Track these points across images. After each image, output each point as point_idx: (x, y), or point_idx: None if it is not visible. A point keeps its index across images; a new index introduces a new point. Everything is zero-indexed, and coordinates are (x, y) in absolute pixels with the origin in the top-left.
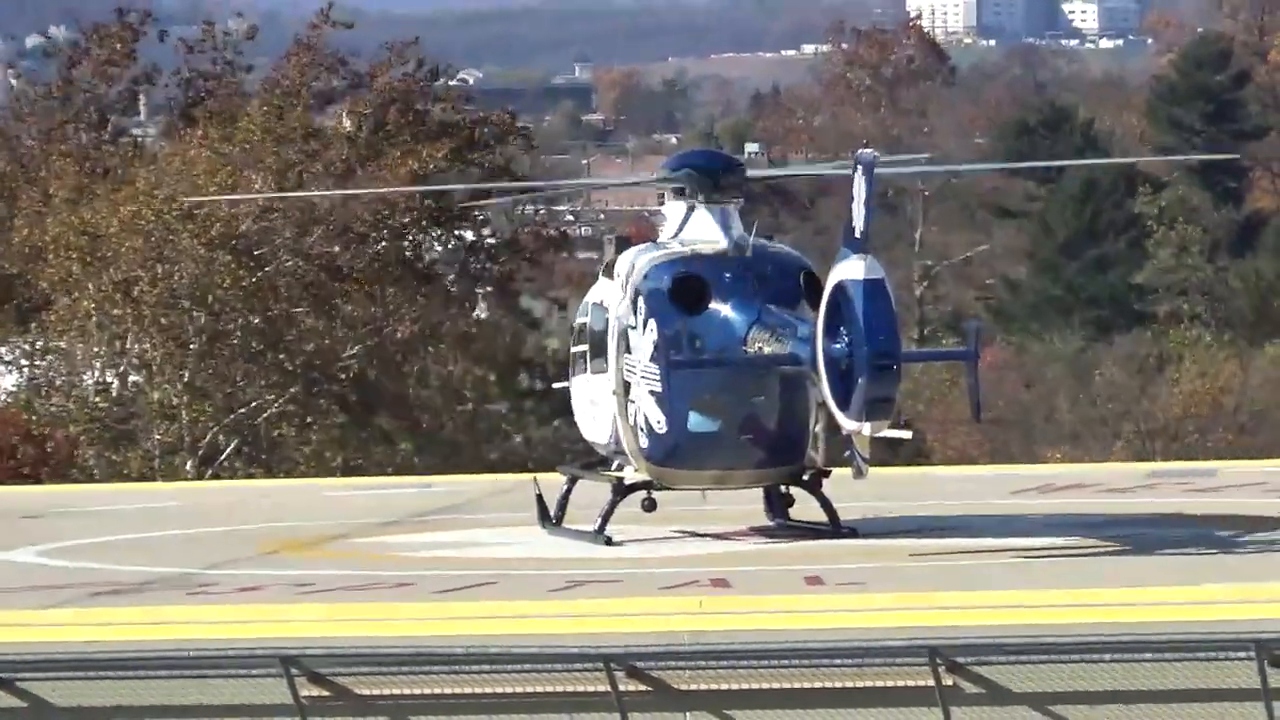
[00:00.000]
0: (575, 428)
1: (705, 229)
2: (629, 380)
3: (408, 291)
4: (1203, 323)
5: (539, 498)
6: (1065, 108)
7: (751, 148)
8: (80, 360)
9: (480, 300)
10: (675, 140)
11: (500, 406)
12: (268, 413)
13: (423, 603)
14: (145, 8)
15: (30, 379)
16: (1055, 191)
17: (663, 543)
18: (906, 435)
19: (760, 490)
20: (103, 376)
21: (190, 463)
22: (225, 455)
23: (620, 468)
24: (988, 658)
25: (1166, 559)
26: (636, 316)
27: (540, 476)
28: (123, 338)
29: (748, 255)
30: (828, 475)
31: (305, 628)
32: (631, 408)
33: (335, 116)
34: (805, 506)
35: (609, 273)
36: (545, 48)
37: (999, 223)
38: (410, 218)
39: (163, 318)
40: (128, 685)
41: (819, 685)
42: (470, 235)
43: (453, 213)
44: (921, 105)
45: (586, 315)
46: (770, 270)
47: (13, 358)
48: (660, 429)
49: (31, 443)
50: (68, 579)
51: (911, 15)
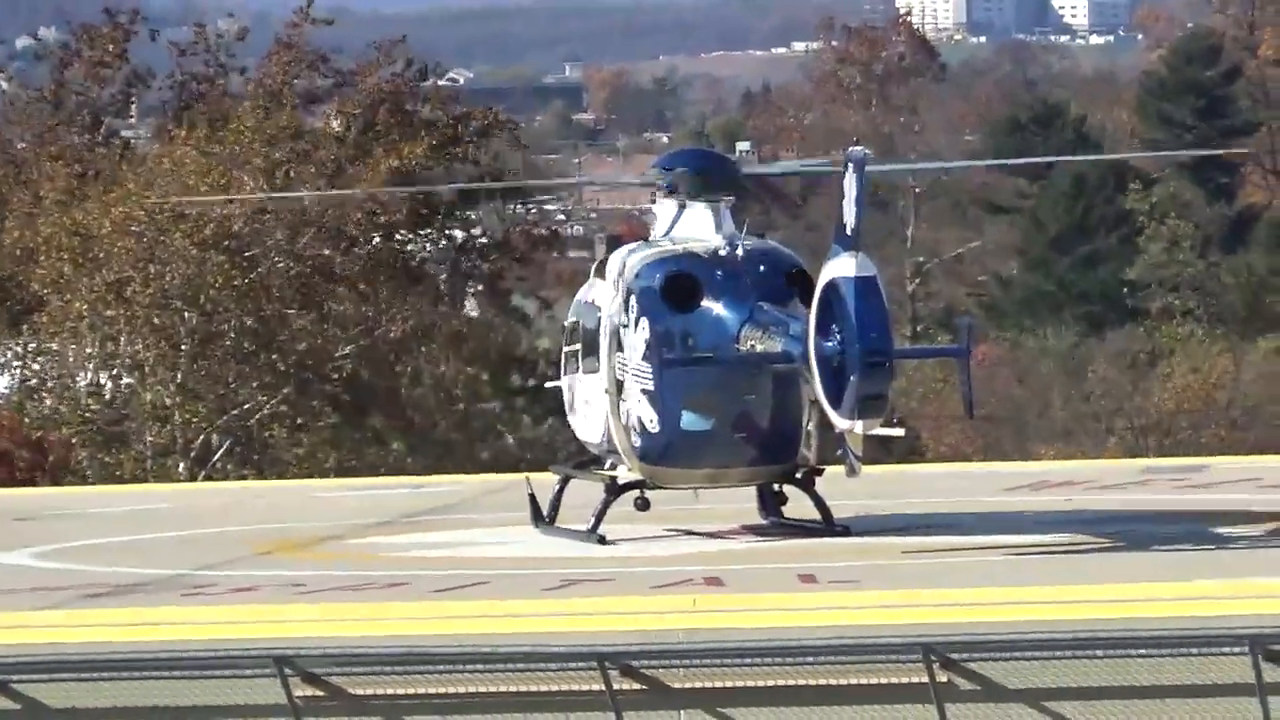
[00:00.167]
0: (568, 427)
1: (697, 227)
2: (621, 379)
3: (400, 291)
4: (1195, 318)
5: (532, 497)
6: (1056, 104)
7: (742, 146)
8: (73, 362)
9: (470, 298)
10: (666, 139)
11: (493, 406)
12: (260, 413)
13: (417, 602)
14: (134, 7)
15: (23, 381)
16: (1046, 188)
17: (656, 541)
18: (899, 433)
19: (753, 488)
20: (96, 378)
21: (183, 464)
22: (218, 457)
23: (613, 467)
24: (982, 654)
25: (1160, 555)
26: (628, 315)
27: (533, 476)
28: (115, 339)
29: (739, 253)
30: (821, 473)
31: (299, 628)
32: (624, 406)
33: (323, 117)
34: (798, 504)
35: (601, 272)
36: (539, 45)
37: (990, 219)
38: (400, 216)
39: (155, 318)
40: (122, 687)
41: (813, 683)
42: (460, 234)
43: (438, 211)
44: (912, 102)
45: (578, 314)
46: (762, 268)
47: (4, 360)
48: (653, 428)
49: (28, 447)
50: (61, 581)
51: (901, 12)
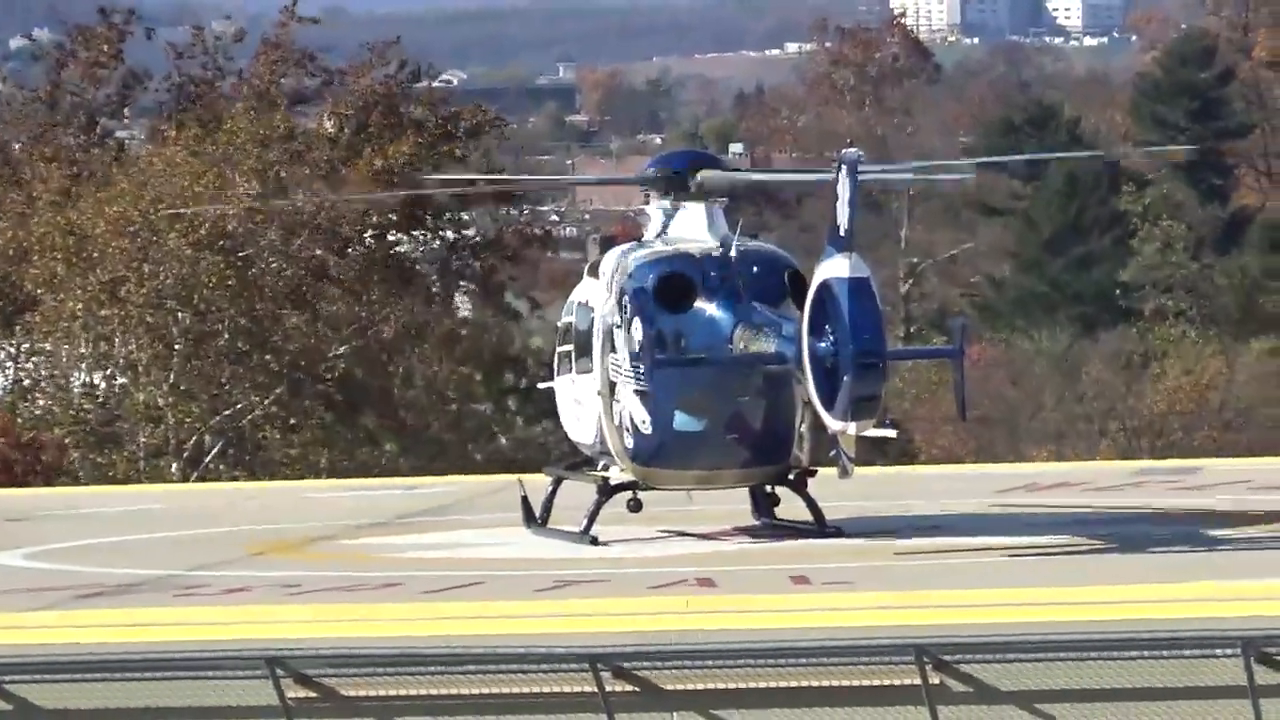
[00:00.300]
0: (560, 428)
1: (690, 228)
2: (614, 380)
3: (392, 291)
4: (1188, 319)
5: (524, 499)
6: (1050, 105)
7: (736, 148)
8: (66, 362)
9: (462, 297)
10: (659, 140)
11: (485, 406)
12: (253, 414)
13: (409, 603)
14: (129, 7)
15: (15, 380)
16: (1040, 189)
17: (648, 543)
18: (892, 434)
19: (746, 490)
20: (89, 378)
21: (176, 465)
22: (211, 457)
23: (606, 468)
24: (975, 656)
25: (1153, 557)
26: (621, 316)
27: (525, 477)
28: (109, 339)
29: (732, 254)
30: (813, 475)
31: (291, 629)
32: (617, 407)
33: (316, 118)
34: (790, 506)
35: (594, 272)
36: (534, 46)
37: (984, 220)
38: (393, 216)
39: (149, 318)
40: (114, 687)
41: (806, 684)
42: (451, 234)
43: (427, 210)
44: (906, 104)
45: (572, 315)
46: (755, 269)
47: None
48: (645, 429)
49: (21, 450)
50: (53, 581)
51: (895, 13)
